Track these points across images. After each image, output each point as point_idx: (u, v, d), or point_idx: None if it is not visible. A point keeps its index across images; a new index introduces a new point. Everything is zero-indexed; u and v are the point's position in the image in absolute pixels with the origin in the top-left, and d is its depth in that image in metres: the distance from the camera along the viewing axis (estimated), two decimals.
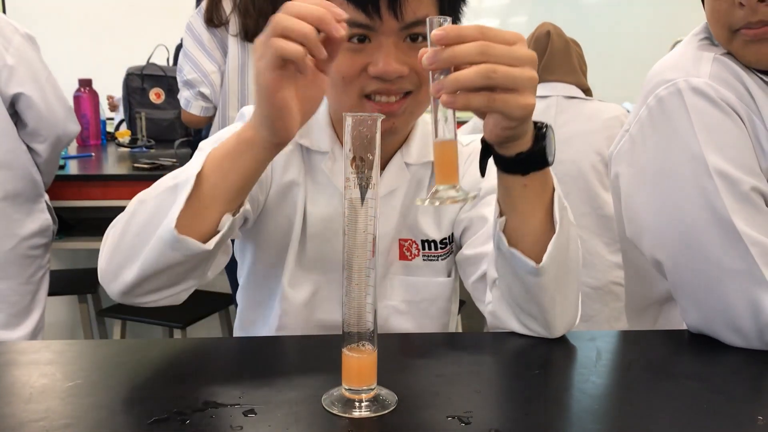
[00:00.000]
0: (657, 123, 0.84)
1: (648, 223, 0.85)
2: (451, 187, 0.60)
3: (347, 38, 0.78)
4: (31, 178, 1.78)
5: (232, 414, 0.58)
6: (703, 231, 0.78)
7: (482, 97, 0.60)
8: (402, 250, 0.94)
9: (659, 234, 0.84)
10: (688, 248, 0.80)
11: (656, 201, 0.84)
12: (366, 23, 0.77)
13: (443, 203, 0.60)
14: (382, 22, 0.77)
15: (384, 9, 0.76)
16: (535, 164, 0.69)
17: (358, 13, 0.76)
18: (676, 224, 0.81)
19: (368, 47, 0.79)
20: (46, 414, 0.58)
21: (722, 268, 0.77)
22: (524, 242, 0.74)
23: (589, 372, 0.69)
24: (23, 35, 1.72)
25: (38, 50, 1.76)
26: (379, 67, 0.77)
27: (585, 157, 1.85)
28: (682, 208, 0.80)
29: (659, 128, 0.84)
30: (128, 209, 0.75)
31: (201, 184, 0.70)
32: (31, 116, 1.72)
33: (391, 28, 0.77)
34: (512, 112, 0.62)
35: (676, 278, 0.83)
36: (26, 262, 1.76)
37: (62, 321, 2.74)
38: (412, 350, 0.77)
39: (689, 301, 0.81)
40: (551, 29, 1.96)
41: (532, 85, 0.61)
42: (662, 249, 0.83)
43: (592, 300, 1.87)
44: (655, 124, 0.85)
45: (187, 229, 0.69)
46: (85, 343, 0.83)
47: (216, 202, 0.71)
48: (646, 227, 0.86)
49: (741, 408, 0.61)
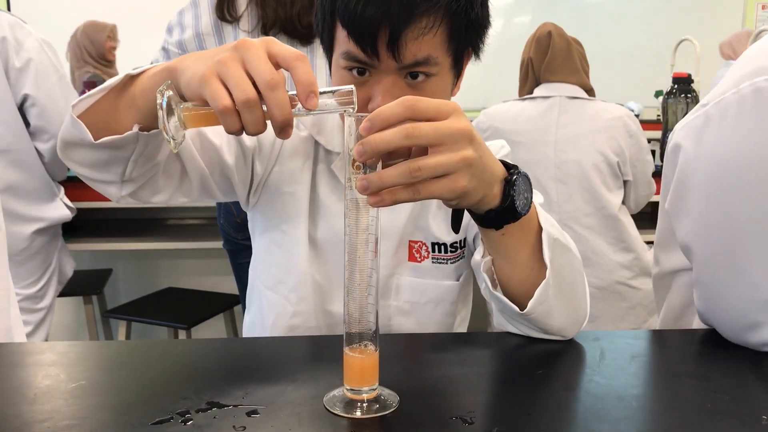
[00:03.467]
0: (746, 111, 0.75)
1: (694, 206, 0.80)
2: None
3: (349, 68, 0.78)
4: (44, 180, 1.81)
5: (236, 414, 0.58)
6: (748, 239, 0.73)
7: (409, 192, 0.57)
8: (411, 251, 0.94)
9: (703, 223, 0.79)
10: (726, 249, 0.76)
11: (713, 189, 0.77)
12: (365, 60, 0.76)
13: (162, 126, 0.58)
14: (380, 61, 0.76)
15: (382, 50, 0.75)
16: (506, 219, 0.67)
17: (358, 50, 0.76)
18: (724, 221, 0.76)
19: (369, 80, 0.78)
20: (51, 415, 0.58)
21: (751, 281, 0.73)
22: (511, 282, 0.74)
23: (593, 372, 0.69)
24: (38, 39, 1.73)
25: (54, 54, 1.78)
26: (376, 105, 0.77)
27: (588, 156, 1.85)
28: (736, 207, 0.74)
29: (747, 118, 0.75)
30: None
31: (125, 90, 0.73)
32: (33, 115, 1.73)
33: (390, 67, 0.76)
34: (443, 197, 0.59)
35: (702, 270, 0.80)
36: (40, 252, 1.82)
37: (67, 322, 2.75)
38: (414, 350, 0.77)
39: (706, 293, 0.79)
40: (552, 29, 1.96)
41: (463, 166, 0.58)
42: (701, 239, 0.79)
43: (596, 300, 1.87)
44: (743, 112, 0.75)
45: (101, 125, 0.74)
46: (89, 344, 0.83)
47: (129, 108, 0.73)
48: (691, 209, 0.80)
49: (746, 408, 0.61)
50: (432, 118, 0.57)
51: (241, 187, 0.93)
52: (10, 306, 0.83)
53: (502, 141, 0.99)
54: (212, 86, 0.57)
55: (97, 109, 0.75)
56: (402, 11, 0.73)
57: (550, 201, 1.88)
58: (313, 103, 0.56)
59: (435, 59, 0.77)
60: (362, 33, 0.74)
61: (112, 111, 0.74)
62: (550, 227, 0.72)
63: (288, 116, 0.56)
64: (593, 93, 1.99)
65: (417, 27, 0.74)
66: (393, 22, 0.73)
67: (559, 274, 0.72)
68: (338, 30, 0.78)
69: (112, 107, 0.74)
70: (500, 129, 1.94)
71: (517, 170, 0.66)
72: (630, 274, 1.88)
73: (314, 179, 0.94)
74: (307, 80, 0.56)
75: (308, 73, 0.57)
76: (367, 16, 0.73)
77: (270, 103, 0.56)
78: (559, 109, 1.90)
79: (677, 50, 3.06)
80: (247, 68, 0.57)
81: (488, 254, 0.75)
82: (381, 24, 0.73)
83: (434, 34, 0.75)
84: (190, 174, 0.86)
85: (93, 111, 0.75)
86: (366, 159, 0.55)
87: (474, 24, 0.80)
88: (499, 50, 4.78)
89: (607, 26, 4.96)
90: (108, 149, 0.75)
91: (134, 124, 0.73)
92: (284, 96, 0.56)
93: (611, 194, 1.87)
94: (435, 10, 0.75)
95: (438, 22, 0.75)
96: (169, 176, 0.85)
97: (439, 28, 0.76)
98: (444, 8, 0.75)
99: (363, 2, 0.73)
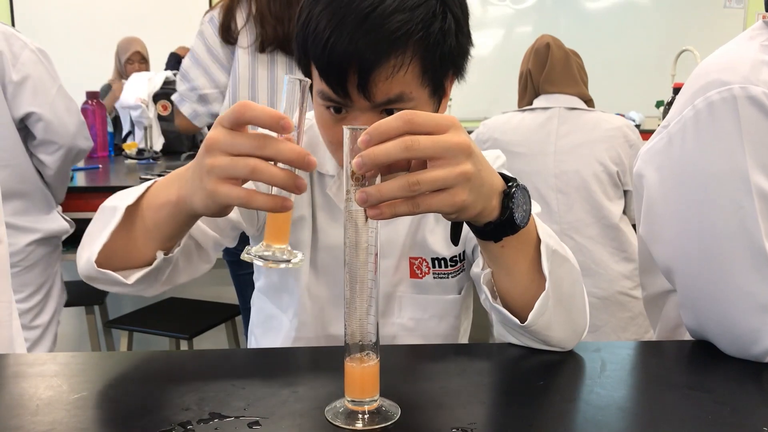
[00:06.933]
0: (702, 127, 0.77)
1: (669, 228, 0.81)
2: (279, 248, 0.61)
3: (326, 106, 0.79)
4: (41, 193, 1.80)
5: (237, 426, 0.58)
6: (730, 250, 0.74)
7: (408, 206, 0.57)
8: (412, 268, 0.94)
9: (680, 242, 0.80)
10: (709, 264, 0.76)
11: (684, 208, 0.79)
12: (338, 100, 0.76)
13: (266, 263, 0.60)
14: (353, 102, 0.76)
15: (353, 92, 0.75)
16: (504, 232, 0.67)
17: (330, 91, 0.76)
18: (701, 237, 0.77)
19: (347, 117, 0.78)
20: (52, 426, 0.58)
21: (742, 290, 0.74)
22: (511, 294, 0.74)
23: (594, 383, 0.69)
24: (33, 50, 1.72)
25: (50, 64, 1.76)
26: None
27: (588, 167, 1.86)
28: (711, 222, 0.75)
29: (704, 133, 0.77)
30: (99, 209, 0.80)
31: (135, 218, 0.73)
32: (39, 129, 1.73)
33: (364, 105, 0.76)
34: (442, 210, 0.59)
35: (687, 290, 0.81)
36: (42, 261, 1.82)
37: (70, 332, 2.75)
38: (415, 361, 0.77)
39: (696, 312, 0.80)
40: (551, 41, 1.97)
41: (462, 180, 0.58)
42: (679, 258, 0.80)
43: (598, 310, 1.87)
44: (699, 128, 0.78)
45: (120, 254, 0.74)
46: (91, 355, 0.84)
47: (147, 239, 0.74)
48: (665, 232, 0.82)
49: (746, 419, 0.61)
50: (430, 132, 0.57)
51: (249, 229, 0.94)
52: (12, 318, 0.83)
53: (497, 151, 0.98)
54: (229, 192, 0.59)
55: (113, 246, 0.75)
56: (369, 53, 0.72)
57: (550, 211, 1.88)
58: (313, 162, 0.58)
59: (409, 95, 0.76)
60: (332, 75, 0.74)
61: (126, 241, 0.75)
62: (548, 239, 0.72)
63: (299, 152, 0.57)
64: (592, 104, 2.00)
65: (386, 68, 0.73)
66: (361, 64, 0.72)
67: (558, 286, 0.72)
68: (313, 69, 0.77)
69: (124, 239, 0.75)
70: (500, 140, 1.95)
71: (515, 183, 0.66)
72: (632, 284, 1.88)
73: (313, 206, 0.94)
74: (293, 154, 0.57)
75: (289, 148, 0.57)
76: (335, 59, 0.73)
77: (275, 156, 0.57)
78: (558, 120, 1.91)
79: (678, 60, 3.08)
80: (234, 153, 0.58)
81: (488, 266, 0.76)
82: (349, 67, 0.73)
83: (405, 71, 0.74)
84: (205, 246, 0.87)
85: (107, 247, 0.74)
86: (365, 171, 0.55)
87: (449, 55, 0.78)
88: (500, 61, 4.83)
89: (609, 37, 4.98)
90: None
91: (156, 252, 0.74)
92: (280, 144, 0.57)
93: (612, 204, 1.87)
94: (403, 49, 0.73)
95: (408, 60, 0.74)
96: (188, 258, 0.85)
97: (410, 66, 0.74)
98: (414, 46, 0.74)
99: (331, 45, 0.72)
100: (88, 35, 4.38)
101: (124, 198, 0.75)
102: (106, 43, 3.80)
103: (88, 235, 0.79)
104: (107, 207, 0.77)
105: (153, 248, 0.74)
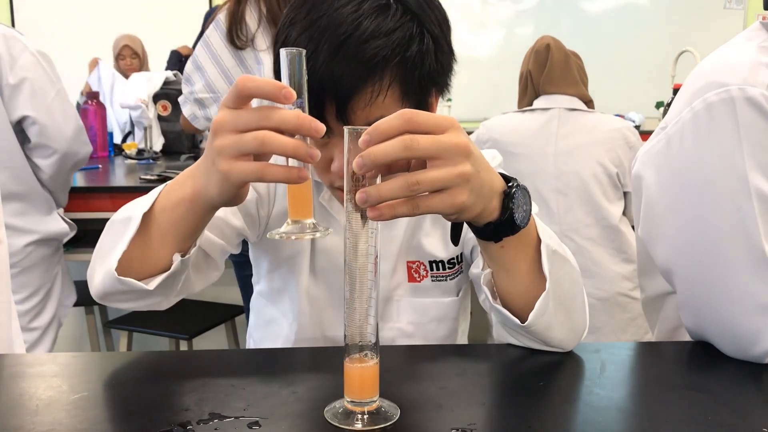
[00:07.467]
0: (701, 129, 0.77)
1: (668, 229, 0.81)
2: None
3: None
4: (40, 194, 1.80)
5: (236, 426, 0.58)
6: (729, 251, 0.75)
7: (408, 206, 0.57)
8: (410, 272, 0.94)
9: (679, 244, 0.80)
10: (709, 266, 0.77)
11: (683, 210, 0.79)
12: None
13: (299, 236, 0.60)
14: (332, 129, 0.75)
15: (332, 120, 0.74)
16: (505, 232, 0.67)
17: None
18: (701, 239, 0.77)
19: (331, 141, 0.77)
20: (52, 426, 0.58)
21: (741, 291, 0.74)
22: (511, 295, 0.74)
23: (593, 384, 0.69)
24: (33, 53, 1.71)
25: (50, 67, 1.75)
26: (339, 165, 0.77)
27: (588, 168, 1.86)
28: (710, 223, 0.76)
29: (702, 135, 0.77)
30: (106, 225, 0.79)
31: (149, 223, 0.73)
32: (33, 132, 1.72)
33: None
34: (442, 211, 0.59)
35: (687, 291, 0.81)
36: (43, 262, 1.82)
37: (69, 332, 2.75)
38: (414, 362, 0.77)
39: (695, 313, 0.80)
40: (551, 42, 1.98)
41: (462, 181, 0.58)
42: (679, 260, 0.80)
43: (598, 312, 1.87)
44: (698, 130, 0.78)
45: (137, 262, 0.73)
46: (90, 356, 0.84)
47: (164, 242, 0.73)
48: (664, 233, 0.82)
49: (746, 420, 0.61)
50: (430, 131, 0.57)
51: (252, 236, 0.94)
52: (11, 319, 0.83)
53: (494, 151, 0.98)
54: (243, 168, 0.59)
55: (129, 255, 0.74)
56: (345, 81, 0.72)
57: (550, 212, 1.88)
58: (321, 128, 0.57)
59: None
60: (310, 105, 0.75)
61: (142, 249, 0.73)
62: (548, 239, 0.72)
63: (304, 117, 0.57)
64: (592, 105, 2.00)
65: (363, 95, 0.73)
66: (337, 92, 0.72)
67: (558, 286, 0.73)
68: None
69: (140, 248, 0.73)
70: (500, 141, 1.95)
71: (515, 183, 0.66)
72: (631, 285, 1.88)
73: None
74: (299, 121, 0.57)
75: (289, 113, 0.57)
76: (311, 86, 0.71)
77: (281, 124, 0.57)
78: (558, 121, 1.91)
79: (678, 61, 3.08)
80: (241, 130, 0.58)
81: (487, 267, 0.76)
82: (326, 95, 0.73)
83: (384, 97, 0.73)
84: (212, 255, 0.87)
85: (124, 257, 0.74)
86: (366, 171, 0.55)
87: (429, 75, 0.77)
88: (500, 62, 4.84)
89: (609, 38, 4.99)
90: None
91: (174, 254, 0.74)
92: (284, 111, 0.57)
93: (612, 205, 1.87)
94: (380, 75, 0.72)
95: (386, 85, 0.73)
96: (197, 269, 0.86)
97: (389, 90, 0.73)
98: (392, 71, 0.73)
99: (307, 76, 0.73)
100: (88, 35, 4.38)
101: (136, 207, 0.74)
102: (106, 43, 3.81)
103: (99, 252, 0.78)
104: (117, 220, 0.76)
105: (170, 251, 0.73)
